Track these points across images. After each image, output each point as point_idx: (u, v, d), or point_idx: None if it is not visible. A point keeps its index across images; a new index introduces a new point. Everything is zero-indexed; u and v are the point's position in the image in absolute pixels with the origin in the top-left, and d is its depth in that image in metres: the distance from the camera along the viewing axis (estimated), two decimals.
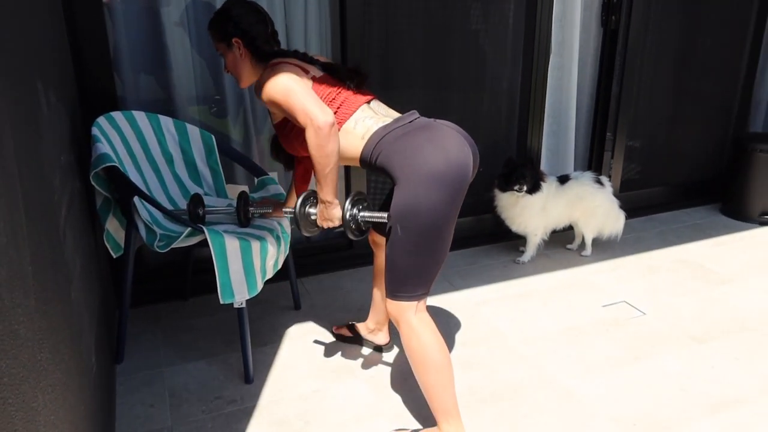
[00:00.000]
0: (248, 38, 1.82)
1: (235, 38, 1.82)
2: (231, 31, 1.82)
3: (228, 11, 1.83)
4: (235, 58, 1.86)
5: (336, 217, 1.76)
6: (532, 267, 3.01)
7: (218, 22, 1.84)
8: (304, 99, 1.66)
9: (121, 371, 2.19)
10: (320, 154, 1.65)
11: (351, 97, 1.76)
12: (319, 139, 1.63)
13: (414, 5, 2.84)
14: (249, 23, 1.82)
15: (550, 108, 3.32)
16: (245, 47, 1.83)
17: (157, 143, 2.30)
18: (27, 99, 1.29)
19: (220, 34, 1.85)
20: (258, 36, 1.83)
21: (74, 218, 1.75)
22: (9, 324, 0.91)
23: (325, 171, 1.68)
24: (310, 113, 1.63)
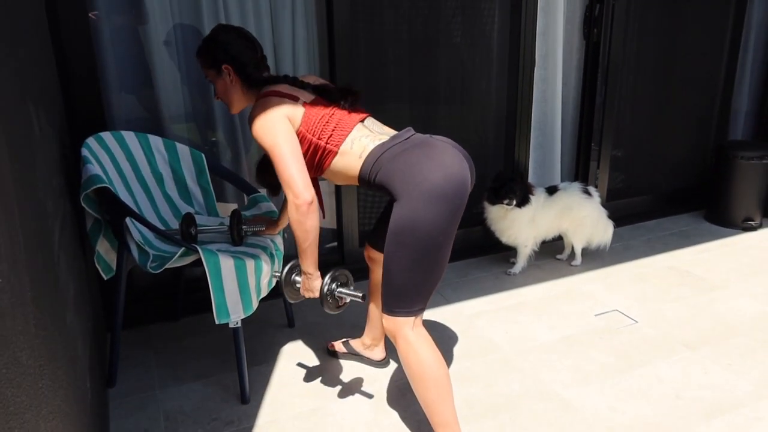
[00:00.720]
0: (238, 64, 1.82)
1: (225, 65, 1.82)
2: (220, 57, 1.82)
3: (216, 37, 1.83)
4: (226, 84, 1.85)
5: (316, 289, 1.81)
6: (523, 278, 3.02)
7: (207, 49, 1.84)
8: (289, 166, 1.65)
9: (113, 395, 2.15)
10: (300, 229, 1.70)
11: (345, 117, 1.76)
12: (299, 215, 1.67)
13: (399, 22, 2.87)
14: (238, 49, 1.82)
15: (536, 120, 3.36)
16: (235, 73, 1.83)
17: (147, 163, 2.29)
18: (21, 122, 1.28)
19: (210, 61, 1.84)
20: (248, 62, 1.83)
21: (66, 241, 1.73)
22: (12, 352, 0.90)
23: (305, 245, 1.73)
24: (292, 187, 1.65)
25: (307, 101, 1.76)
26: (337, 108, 1.77)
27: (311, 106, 1.75)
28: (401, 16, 2.87)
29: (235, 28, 1.88)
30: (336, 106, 1.78)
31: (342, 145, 1.73)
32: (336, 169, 1.77)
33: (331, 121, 1.74)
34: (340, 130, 1.74)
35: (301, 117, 1.73)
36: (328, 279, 1.80)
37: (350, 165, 1.73)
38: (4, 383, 0.82)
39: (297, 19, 2.64)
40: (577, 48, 3.34)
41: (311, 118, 1.73)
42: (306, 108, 1.74)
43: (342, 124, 1.75)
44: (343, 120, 1.75)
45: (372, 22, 2.81)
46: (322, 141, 1.73)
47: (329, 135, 1.73)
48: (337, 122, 1.75)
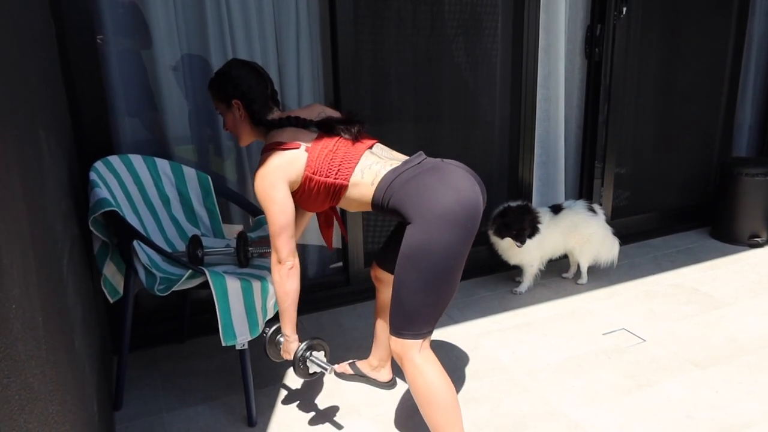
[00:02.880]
0: (247, 101, 1.85)
1: (235, 100, 1.85)
2: (231, 92, 1.85)
3: (228, 73, 1.86)
4: (235, 118, 1.89)
5: (292, 352, 1.88)
6: (529, 297, 3.01)
7: (218, 83, 1.87)
8: (278, 232, 1.76)
9: (120, 418, 2.14)
10: (280, 290, 1.81)
11: (350, 150, 1.78)
12: (280, 277, 1.79)
13: (401, 42, 2.90)
14: (249, 85, 1.85)
15: (539, 139, 3.37)
16: (244, 109, 1.86)
17: (154, 186, 2.30)
18: (32, 148, 1.29)
19: (220, 95, 1.88)
20: (257, 99, 1.86)
21: (74, 265, 1.74)
22: (24, 377, 0.90)
23: (283, 306, 1.83)
24: (278, 252, 1.77)
25: (309, 144, 1.78)
26: (341, 142, 1.79)
27: (314, 146, 1.77)
28: (404, 36, 2.90)
29: (247, 63, 1.92)
30: (339, 139, 1.79)
31: (352, 177, 1.75)
32: (350, 199, 1.79)
33: (336, 157, 1.76)
34: (347, 162, 1.76)
35: (305, 162, 1.76)
36: (304, 345, 1.89)
37: (363, 193, 1.75)
38: (16, 409, 0.82)
39: (301, 40, 2.68)
40: (579, 67, 3.36)
41: (315, 160, 1.75)
42: (309, 152, 1.77)
43: (348, 157, 1.77)
44: (349, 152, 1.78)
45: (375, 42, 2.84)
46: (330, 178, 1.75)
47: (336, 170, 1.75)
48: (343, 156, 1.77)
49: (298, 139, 1.79)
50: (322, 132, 1.82)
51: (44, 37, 1.85)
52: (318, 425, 2.07)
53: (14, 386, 0.82)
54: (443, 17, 2.96)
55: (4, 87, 1.07)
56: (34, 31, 1.60)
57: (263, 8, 2.57)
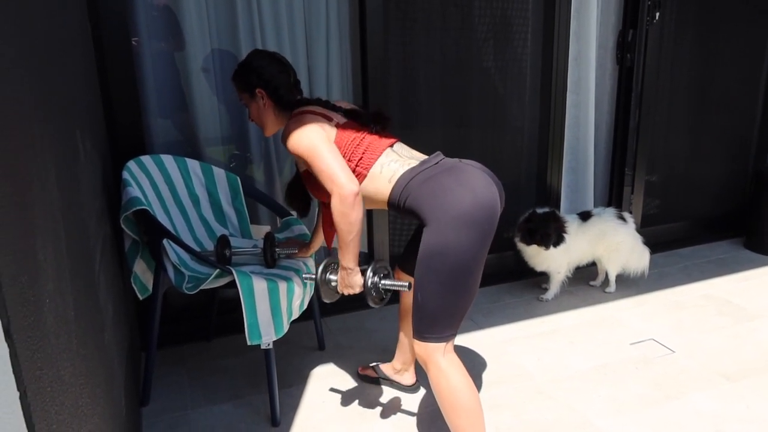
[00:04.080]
0: (271, 88, 1.87)
1: (258, 88, 1.88)
2: (254, 81, 1.87)
3: (250, 63, 1.89)
4: (259, 107, 1.91)
5: (357, 284, 1.78)
6: (556, 304, 2.98)
7: (241, 74, 1.90)
8: (330, 162, 1.67)
9: (147, 414, 2.18)
10: (344, 221, 1.67)
11: (375, 141, 1.79)
12: (344, 206, 1.65)
13: (431, 46, 2.90)
14: (271, 73, 1.87)
15: (569, 145, 3.34)
16: (268, 97, 1.88)
17: (184, 186, 2.35)
18: (68, 148, 1.33)
19: (244, 85, 1.90)
20: (280, 85, 1.88)
21: (106, 262, 1.78)
22: (57, 370, 0.93)
23: (348, 238, 1.70)
24: (336, 180, 1.65)
25: (339, 123, 1.80)
26: (367, 132, 1.80)
27: (343, 129, 1.78)
28: (433, 40, 2.90)
29: (269, 53, 1.94)
30: (366, 129, 1.80)
31: (371, 168, 1.75)
32: (365, 193, 1.78)
33: (361, 144, 1.76)
34: (371, 153, 1.76)
35: (335, 137, 1.76)
36: (370, 272, 1.77)
37: (379, 189, 1.75)
38: (48, 401, 0.84)
39: (331, 43, 2.70)
40: (610, 73, 3.32)
41: (343, 140, 1.76)
42: (338, 129, 1.78)
43: (372, 148, 1.77)
44: (374, 144, 1.78)
45: (404, 44, 2.85)
46: (352, 163, 1.75)
47: (359, 157, 1.75)
48: (368, 145, 1.77)
49: (329, 114, 1.81)
50: (351, 120, 1.83)
51: (81, 38, 1.91)
52: (340, 427, 2.08)
53: (46, 378, 0.85)
54: (473, 21, 2.95)
55: (42, 87, 1.11)
56: (71, 32, 1.65)
57: (294, 10, 2.60)
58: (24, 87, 0.94)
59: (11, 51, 0.87)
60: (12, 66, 0.88)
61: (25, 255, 0.81)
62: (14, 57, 0.89)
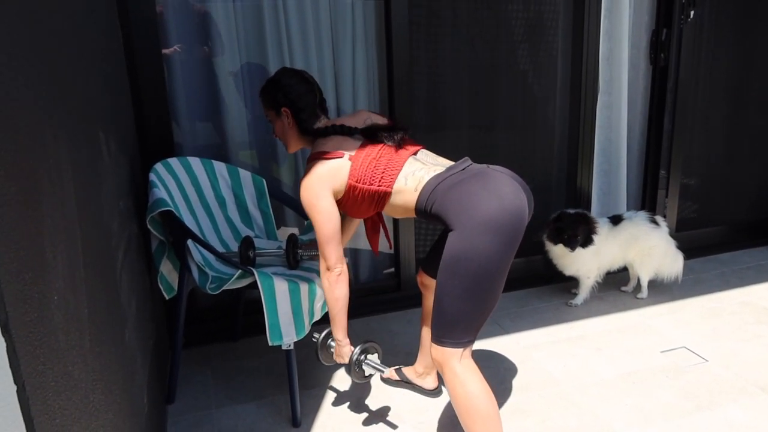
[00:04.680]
0: (296, 109, 1.90)
1: (284, 108, 1.90)
2: (280, 100, 1.90)
3: (279, 80, 1.91)
4: (284, 126, 1.94)
5: (345, 356, 1.92)
6: (585, 310, 2.91)
7: (269, 91, 1.93)
8: (326, 240, 1.79)
9: (172, 412, 2.22)
10: (330, 296, 1.84)
11: (393, 157, 1.79)
12: (329, 284, 1.82)
13: (459, 48, 2.88)
14: (298, 94, 1.89)
15: (601, 147, 3.27)
16: (293, 117, 1.91)
17: (211, 187, 2.39)
18: (89, 148, 1.36)
19: (270, 102, 1.93)
20: (305, 107, 1.90)
21: (131, 261, 1.82)
22: (64, 365, 0.95)
23: (333, 312, 1.86)
24: (326, 259, 1.81)
25: (353, 152, 1.80)
26: (384, 149, 1.80)
27: (358, 155, 1.79)
28: (461, 42, 2.88)
29: (297, 72, 1.96)
30: (383, 147, 1.80)
31: (395, 185, 1.76)
32: (394, 205, 1.80)
33: (379, 165, 1.77)
34: (390, 170, 1.76)
35: (348, 171, 1.78)
36: (358, 349, 1.93)
37: (407, 200, 1.76)
38: (51, 395, 0.86)
39: (357, 47, 2.71)
40: (644, 73, 3.24)
41: (359, 168, 1.77)
42: (352, 161, 1.79)
43: (392, 164, 1.77)
44: (392, 160, 1.78)
45: (432, 49, 2.84)
46: (374, 186, 1.76)
47: (380, 178, 1.76)
48: (387, 163, 1.77)
49: (342, 147, 1.81)
50: (367, 139, 1.83)
51: (110, 43, 1.96)
52: (360, 430, 2.08)
53: (51, 373, 0.87)
54: (500, 24, 2.92)
55: (57, 88, 1.14)
56: (97, 37, 1.70)
57: (320, 16, 2.62)
58: (32, 88, 0.97)
59: (18, 52, 0.89)
60: (19, 67, 0.91)
61: (29, 253, 0.84)
62: (21, 59, 0.92)
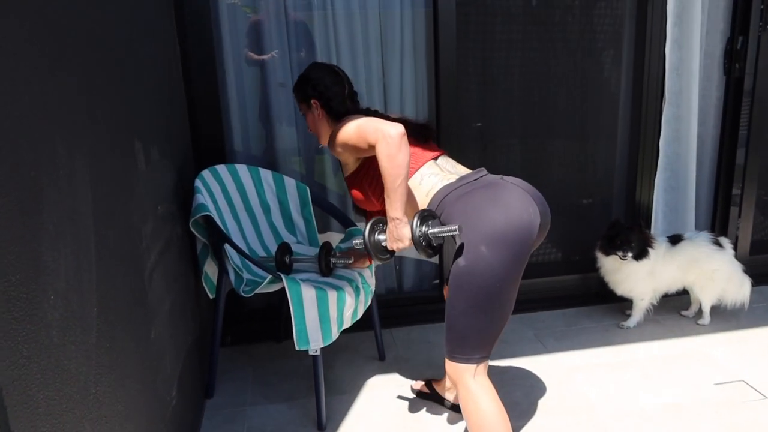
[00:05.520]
0: (324, 99, 1.94)
1: (313, 99, 1.96)
2: (310, 92, 1.96)
3: (308, 75, 1.98)
4: (314, 117, 1.99)
5: (406, 237, 1.66)
6: (637, 333, 2.77)
7: (299, 85, 2.00)
8: (374, 122, 1.66)
9: (210, 406, 2.33)
10: (390, 165, 1.61)
11: (418, 152, 1.80)
12: (390, 148, 1.60)
13: (512, 57, 2.83)
14: (326, 85, 1.94)
15: (668, 161, 3.09)
16: (322, 107, 1.95)
17: (256, 194, 2.49)
18: (117, 158, 1.47)
19: (301, 96, 2.00)
20: (334, 97, 1.94)
21: (170, 261, 1.94)
22: (56, 359, 1.04)
23: (396, 183, 1.62)
24: (380, 128, 1.63)
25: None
26: (412, 142, 1.81)
27: None
28: (515, 50, 2.83)
29: (327, 65, 2.02)
30: (411, 139, 1.81)
31: (411, 179, 1.76)
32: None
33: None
34: (412, 162, 1.77)
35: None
36: (416, 221, 1.65)
37: (418, 201, 1.75)
38: (34, 387, 0.95)
39: (405, 55, 2.74)
40: (717, 84, 3.03)
41: None
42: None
43: (414, 158, 1.78)
44: (416, 154, 1.79)
45: (483, 57, 2.81)
46: None
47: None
48: (411, 155, 1.77)
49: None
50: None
51: (163, 54, 2.10)
52: None
53: (36, 366, 0.95)
54: (556, 31, 2.84)
55: (74, 100, 1.25)
56: (146, 51, 1.83)
57: (368, 26, 2.67)
58: (39, 100, 1.06)
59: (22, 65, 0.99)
60: (27, 90, 1.00)
61: (18, 258, 0.92)
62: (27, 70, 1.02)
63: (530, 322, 2.91)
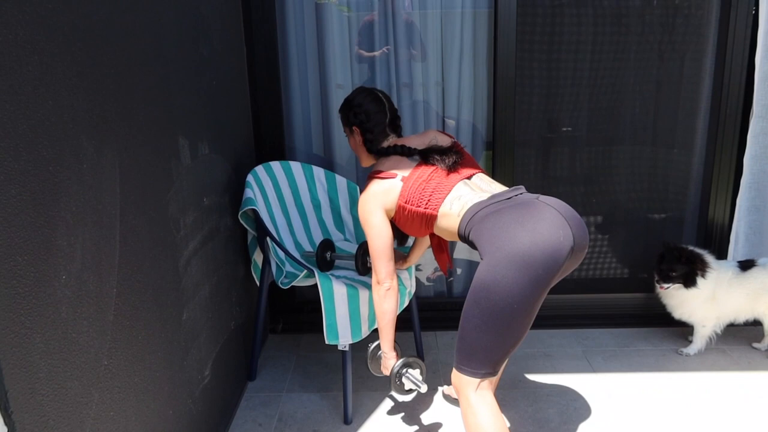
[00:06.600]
0: (364, 128, 2.01)
1: (355, 126, 2.02)
2: (351, 119, 2.03)
3: (352, 100, 2.04)
4: (355, 142, 2.06)
5: (389, 367, 1.98)
6: (697, 362, 2.59)
7: (344, 109, 2.07)
8: (378, 254, 1.88)
9: (251, 388, 2.48)
10: (377, 309, 1.92)
11: (443, 181, 1.81)
12: (378, 297, 1.90)
13: (579, 65, 2.74)
14: (368, 113, 1.99)
15: (753, 179, 2.85)
16: (361, 135, 2.02)
17: (308, 190, 2.60)
18: (149, 154, 1.61)
19: (345, 120, 2.07)
20: (374, 128, 2.00)
21: (215, 250, 2.08)
22: (64, 333, 1.17)
23: (381, 324, 1.94)
24: (377, 273, 1.89)
25: (406, 173, 1.86)
26: (437, 170, 1.83)
27: (411, 176, 1.85)
28: (581, 58, 2.73)
29: (371, 92, 2.05)
30: (436, 167, 1.83)
31: (441, 208, 1.79)
32: (441, 228, 1.84)
33: (428, 187, 1.81)
34: (438, 194, 1.79)
35: (399, 192, 1.84)
36: (399, 363, 1.97)
37: (451, 224, 1.78)
38: (36, 354, 1.08)
39: (464, 61, 2.73)
40: None
41: (408, 190, 1.83)
42: (404, 182, 1.85)
43: (440, 188, 1.80)
44: (441, 183, 1.81)
45: (545, 68, 2.74)
46: (421, 207, 1.81)
47: (427, 200, 1.80)
48: (435, 187, 1.81)
49: (397, 168, 1.88)
50: (422, 161, 1.87)
51: (221, 57, 2.25)
52: None
53: (38, 336, 1.09)
54: (626, 37, 2.71)
55: (110, 109, 1.39)
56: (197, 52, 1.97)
57: (428, 31, 2.69)
58: (65, 104, 1.20)
59: (36, 69, 1.12)
60: (57, 95, 1.14)
61: (28, 240, 1.06)
62: (41, 70, 1.15)
63: (581, 338, 2.81)
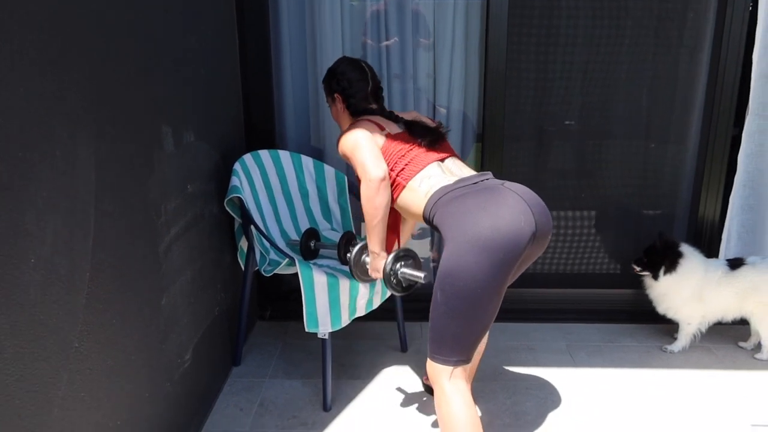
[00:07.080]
0: (346, 94, 2.01)
1: (336, 93, 2.03)
2: (333, 86, 2.04)
3: (335, 69, 2.05)
4: (337, 110, 2.07)
5: (380, 269, 1.88)
6: (681, 359, 2.60)
7: (326, 78, 2.08)
8: (364, 152, 1.80)
9: (235, 373, 2.51)
10: (369, 206, 1.80)
11: (421, 155, 1.82)
12: (369, 191, 1.78)
13: (567, 57, 2.72)
14: (349, 80, 2.01)
15: (748, 177, 2.84)
16: (343, 102, 2.02)
17: (296, 179, 2.61)
18: (129, 142, 1.62)
19: (327, 89, 2.09)
20: (356, 93, 2.00)
21: (199, 236, 2.10)
22: (32, 315, 1.20)
23: (373, 222, 1.83)
24: (365, 166, 1.78)
25: (391, 133, 1.87)
26: (416, 145, 1.84)
27: (393, 139, 1.86)
28: (574, 51, 2.72)
29: (354, 60, 2.08)
30: (416, 143, 1.84)
31: (411, 181, 1.80)
32: (403, 203, 1.84)
33: (406, 156, 1.82)
34: (413, 165, 1.80)
35: (382, 144, 1.86)
36: (391, 258, 1.84)
37: (416, 202, 1.79)
38: (2, 335, 1.11)
39: (456, 51, 2.73)
40: None
41: (390, 149, 1.84)
42: (388, 138, 1.86)
43: (416, 161, 1.81)
44: (419, 157, 1.81)
45: (536, 61, 2.73)
46: (394, 173, 1.82)
47: (401, 168, 1.81)
48: (413, 158, 1.82)
49: (383, 125, 1.91)
50: (405, 131, 1.90)
51: (211, 48, 2.26)
52: (387, 427, 2.15)
53: (4, 319, 1.11)
54: (619, 29, 2.69)
55: (89, 97, 1.40)
56: (182, 44, 1.98)
57: (419, 22, 2.69)
58: (37, 93, 1.22)
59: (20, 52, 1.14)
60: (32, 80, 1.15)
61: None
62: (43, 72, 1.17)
63: (565, 332, 2.82)
